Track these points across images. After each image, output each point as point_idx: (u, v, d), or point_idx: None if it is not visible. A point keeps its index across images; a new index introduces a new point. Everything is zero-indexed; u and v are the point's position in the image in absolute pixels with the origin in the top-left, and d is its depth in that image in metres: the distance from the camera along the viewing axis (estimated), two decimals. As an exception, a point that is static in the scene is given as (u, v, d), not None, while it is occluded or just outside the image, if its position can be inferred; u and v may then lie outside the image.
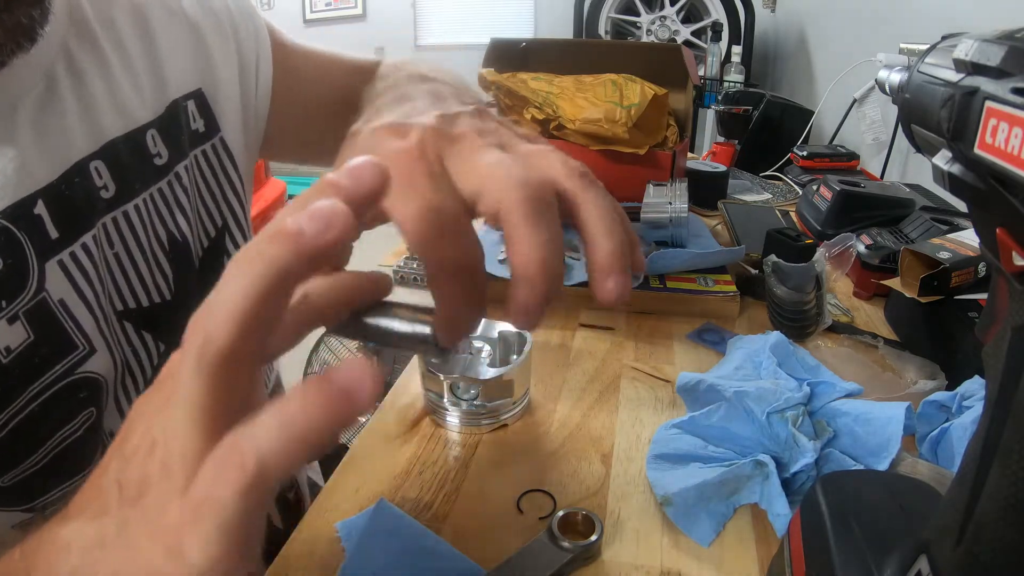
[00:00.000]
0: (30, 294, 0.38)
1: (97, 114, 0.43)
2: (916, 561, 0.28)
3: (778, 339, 0.60)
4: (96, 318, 0.42)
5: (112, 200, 0.43)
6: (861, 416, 0.48)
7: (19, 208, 0.37)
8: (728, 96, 1.80)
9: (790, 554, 0.36)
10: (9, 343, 0.37)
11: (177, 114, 0.48)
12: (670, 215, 0.81)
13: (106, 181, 0.43)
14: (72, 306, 0.40)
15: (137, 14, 0.47)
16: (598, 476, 0.49)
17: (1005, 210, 0.21)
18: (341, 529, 0.44)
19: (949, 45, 0.24)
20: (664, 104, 0.94)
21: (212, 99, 0.52)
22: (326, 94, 0.62)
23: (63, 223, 0.40)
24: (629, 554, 0.42)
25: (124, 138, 0.44)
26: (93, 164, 0.42)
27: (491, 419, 0.54)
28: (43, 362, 0.39)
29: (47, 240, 0.39)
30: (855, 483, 0.37)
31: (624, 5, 2.93)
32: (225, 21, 0.54)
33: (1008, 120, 0.19)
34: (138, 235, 0.45)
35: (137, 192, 0.45)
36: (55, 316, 0.39)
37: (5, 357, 0.36)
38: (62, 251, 0.40)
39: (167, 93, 0.48)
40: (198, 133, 0.51)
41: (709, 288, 0.76)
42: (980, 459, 0.24)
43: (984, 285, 0.65)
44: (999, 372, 0.24)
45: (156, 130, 0.47)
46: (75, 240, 0.40)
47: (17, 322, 0.37)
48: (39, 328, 0.38)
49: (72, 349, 0.40)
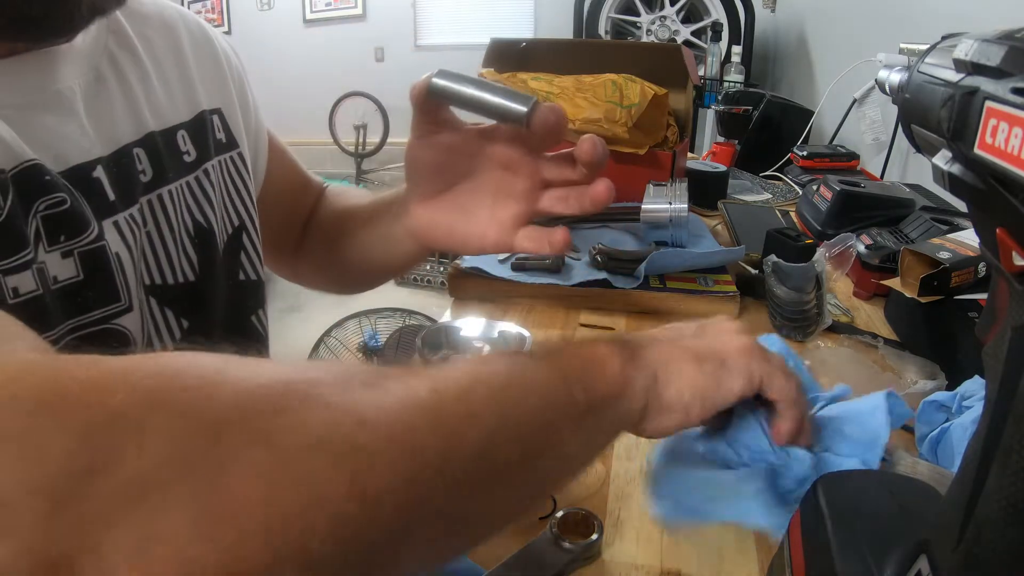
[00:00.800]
0: (91, 238, 0.42)
1: (139, 110, 0.48)
2: (916, 561, 0.28)
3: (779, 349, 0.59)
4: (135, 282, 0.45)
5: (149, 184, 0.48)
6: (846, 416, 0.48)
7: (81, 169, 0.42)
8: (728, 96, 1.80)
9: (790, 554, 0.36)
10: (58, 274, 0.40)
11: (204, 122, 0.54)
12: (670, 215, 0.81)
13: (145, 166, 0.48)
14: (125, 263, 0.44)
15: (169, 35, 0.53)
16: (598, 476, 0.49)
17: (1005, 210, 0.21)
18: (341, 529, 0.44)
19: (949, 45, 0.24)
20: (664, 104, 0.94)
21: (231, 120, 0.58)
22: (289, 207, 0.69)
23: (118, 191, 0.45)
24: (629, 554, 0.42)
25: (160, 133, 0.49)
26: (136, 150, 0.47)
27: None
28: (85, 303, 0.41)
29: (106, 200, 0.44)
30: (855, 483, 0.37)
31: (624, 5, 2.93)
32: (247, 92, 0.62)
33: (1008, 120, 0.19)
34: (170, 218, 0.49)
35: (170, 180, 0.50)
36: (109, 265, 0.43)
37: (52, 285, 0.40)
38: (117, 214, 0.44)
39: (196, 103, 0.53)
40: (222, 142, 0.56)
41: (709, 288, 0.76)
42: (980, 459, 0.24)
43: (984, 285, 0.65)
44: (999, 372, 0.24)
45: (186, 131, 0.52)
46: (126, 208, 0.45)
47: (70, 259, 0.41)
48: (91, 271, 0.42)
49: (115, 300, 0.43)
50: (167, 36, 0.53)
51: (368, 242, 0.61)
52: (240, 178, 0.58)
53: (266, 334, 0.61)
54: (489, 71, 1.01)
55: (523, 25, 4.59)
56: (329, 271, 0.70)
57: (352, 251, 0.63)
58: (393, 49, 4.86)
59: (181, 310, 0.50)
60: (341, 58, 4.82)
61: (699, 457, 0.48)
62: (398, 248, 0.58)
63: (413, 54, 4.84)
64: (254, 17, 4.86)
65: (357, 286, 0.72)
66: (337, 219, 0.67)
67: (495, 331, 0.59)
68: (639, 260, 0.75)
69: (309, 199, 0.70)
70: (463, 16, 4.70)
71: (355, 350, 1.96)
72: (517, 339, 0.57)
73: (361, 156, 4.79)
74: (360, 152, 4.80)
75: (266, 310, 0.61)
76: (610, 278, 0.75)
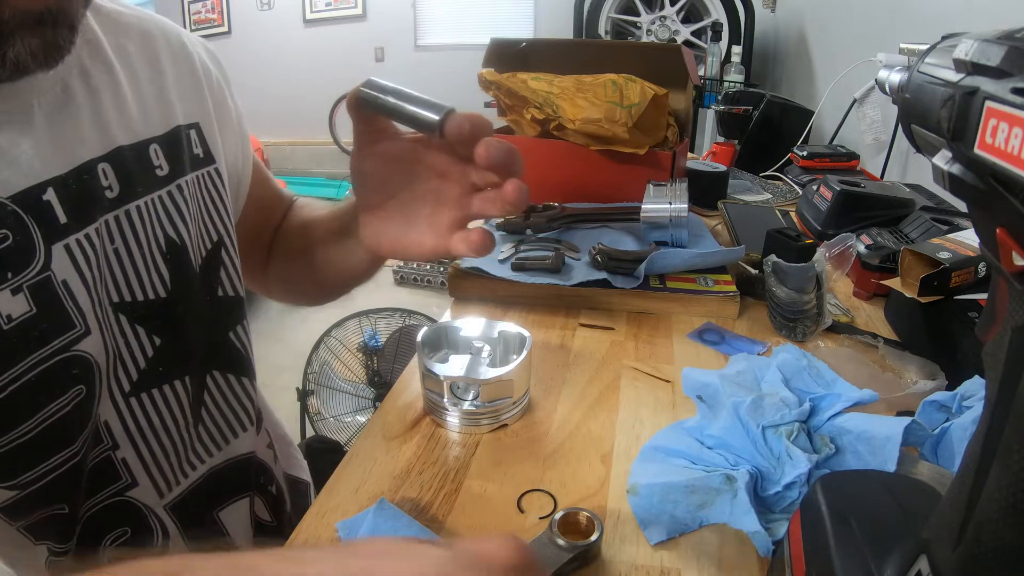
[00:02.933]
0: (36, 270, 0.41)
1: (107, 123, 0.47)
2: (916, 561, 0.28)
3: (785, 359, 0.59)
4: (93, 303, 0.45)
5: (115, 200, 0.47)
6: (863, 434, 0.48)
7: (29, 193, 0.41)
8: (728, 96, 1.80)
9: (790, 554, 0.36)
10: (11, 312, 0.40)
11: (179, 136, 0.53)
12: (670, 215, 0.81)
13: (111, 182, 0.47)
14: (74, 288, 0.43)
15: (147, 47, 0.53)
16: (598, 476, 0.49)
17: (1005, 210, 0.21)
18: (341, 529, 0.44)
19: (949, 45, 0.24)
20: (664, 104, 0.94)
21: (209, 136, 0.57)
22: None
23: (71, 212, 0.43)
24: (629, 554, 0.42)
25: (130, 147, 0.48)
26: (101, 165, 0.46)
27: (491, 419, 0.54)
28: (42, 336, 0.41)
29: (56, 224, 0.43)
30: (855, 483, 0.37)
31: (624, 5, 2.93)
32: (232, 110, 0.62)
33: (1008, 120, 0.19)
34: (138, 234, 0.49)
35: (139, 195, 0.49)
36: (57, 294, 0.42)
37: (6, 324, 0.39)
38: (68, 236, 0.43)
39: (171, 118, 0.53)
40: (199, 157, 0.56)
41: (709, 288, 0.76)
42: (980, 459, 0.24)
43: (984, 285, 0.65)
44: (999, 372, 0.24)
45: (159, 145, 0.51)
46: (80, 229, 0.44)
47: (20, 294, 0.40)
48: (41, 303, 0.41)
49: (70, 327, 0.43)
50: (145, 47, 0.52)
51: (326, 253, 0.62)
52: (217, 193, 0.57)
53: (246, 350, 0.60)
54: (489, 71, 1.01)
55: (523, 25, 4.59)
56: (294, 283, 0.71)
57: (313, 263, 0.64)
58: (393, 49, 4.86)
59: (153, 328, 0.50)
60: (341, 58, 4.82)
61: (682, 466, 0.48)
62: (353, 258, 0.59)
63: (413, 54, 4.84)
64: (254, 17, 4.86)
65: (320, 298, 0.72)
66: (299, 232, 0.68)
67: (495, 331, 0.59)
68: (639, 260, 0.75)
69: (279, 213, 0.71)
70: (463, 16, 4.69)
71: (355, 350, 1.96)
72: (517, 339, 0.58)
73: (361, 156, 4.78)
74: (360, 152, 4.79)
75: (246, 326, 0.61)
76: (610, 278, 0.75)
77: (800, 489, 0.45)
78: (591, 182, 0.98)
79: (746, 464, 0.47)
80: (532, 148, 0.99)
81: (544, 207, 0.90)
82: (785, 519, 0.44)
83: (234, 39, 4.78)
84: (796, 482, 0.45)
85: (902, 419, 0.48)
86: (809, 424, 0.51)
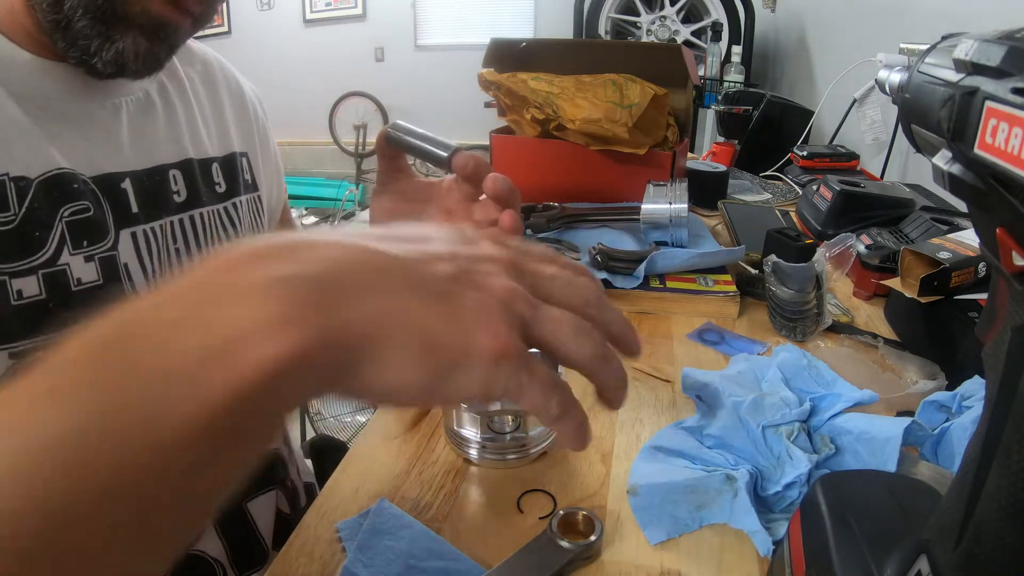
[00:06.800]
0: (107, 247, 0.46)
1: (180, 136, 0.54)
2: (916, 561, 0.28)
3: (785, 359, 0.59)
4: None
5: (182, 204, 0.53)
6: (863, 435, 0.48)
7: (111, 178, 0.47)
8: (728, 96, 1.80)
9: (790, 554, 0.35)
10: (82, 276, 0.45)
11: (235, 160, 0.60)
12: (670, 215, 0.81)
13: (179, 188, 0.53)
14: (134, 273, 0.48)
15: (209, 76, 0.60)
16: (598, 476, 0.49)
17: (1005, 210, 0.21)
18: (341, 529, 0.44)
19: (949, 45, 0.24)
20: (664, 104, 0.94)
21: (255, 166, 0.63)
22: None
23: (142, 205, 0.49)
24: (629, 554, 0.42)
25: (198, 161, 0.55)
26: (172, 171, 0.53)
27: (536, 445, 0.51)
28: (100, 308, 0.43)
29: (128, 212, 0.48)
30: (855, 483, 0.37)
31: (624, 5, 2.92)
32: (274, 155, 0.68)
33: (1008, 120, 0.19)
34: (199, 239, 0.55)
35: (203, 204, 0.55)
36: (119, 274, 0.47)
37: (75, 286, 0.45)
38: (136, 226, 0.49)
39: (228, 143, 0.60)
40: (248, 183, 0.62)
41: (709, 288, 0.76)
42: (980, 459, 0.24)
43: (984, 285, 0.65)
44: (999, 372, 0.24)
45: (219, 165, 0.58)
46: (147, 222, 0.50)
47: (92, 263, 0.45)
48: (107, 277, 0.46)
49: None
50: (207, 77, 0.60)
51: None
52: (259, 219, 0.63)
53: None
54: (489, 71, 1.01)
55: (523, 25, 4.59)
56: None
57: None
58: (393, 49, 4.86)
59: None
60: (341, 58, 4.82)
61: (682, 466, 0.48)
62: None
63: (413, 54, 4.85)
64: (254, 17, 4.86)
65: None
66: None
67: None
68: (639, 260, 0.75)
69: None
70: (463, 16, 4.70)
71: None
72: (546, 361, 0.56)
73: (361, 156, 4.79)
74: (360, 152, 4.80)
75: None
76: (610, 278, 0.75)
77: (800, 489, 0.45)
78: (591, 182, 0.98)
79: (746, 464, 0.47)
80: (532, 148, 1.00)
81: (544, 207, 0.90)
82: (785, 519, 0.44)
83: (234, 39, 4.78)
84: (796, 482, 0.45)
85: (902, 419, 0.48)
86: (809, 424, 0.51)
